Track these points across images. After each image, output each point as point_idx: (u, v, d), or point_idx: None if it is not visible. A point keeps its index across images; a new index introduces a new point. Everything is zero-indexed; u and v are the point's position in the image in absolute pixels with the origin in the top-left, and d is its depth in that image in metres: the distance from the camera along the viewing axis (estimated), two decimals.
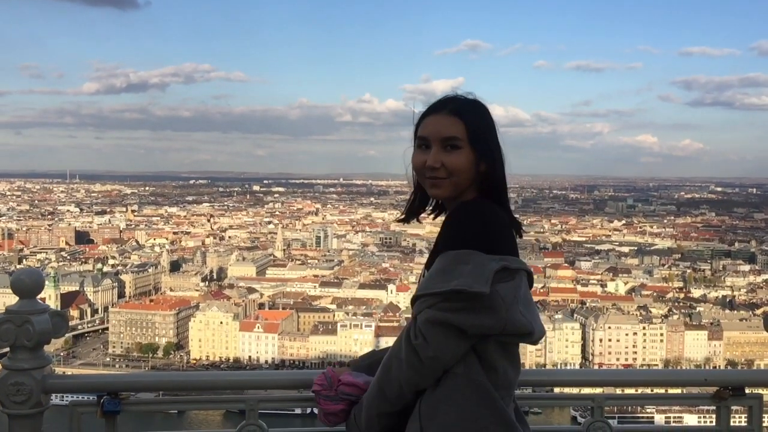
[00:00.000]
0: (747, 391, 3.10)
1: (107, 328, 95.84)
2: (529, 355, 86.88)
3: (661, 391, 3.44)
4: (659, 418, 73.63)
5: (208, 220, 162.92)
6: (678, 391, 3.37)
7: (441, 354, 1.96)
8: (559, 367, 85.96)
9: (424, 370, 1.97)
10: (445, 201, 2.25)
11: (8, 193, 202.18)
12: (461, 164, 2.13)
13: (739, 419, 3.21)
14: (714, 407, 3.14)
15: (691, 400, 3.29)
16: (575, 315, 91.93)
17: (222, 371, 34.90)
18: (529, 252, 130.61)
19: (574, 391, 3.32)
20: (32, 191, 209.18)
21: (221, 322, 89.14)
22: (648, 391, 3.40)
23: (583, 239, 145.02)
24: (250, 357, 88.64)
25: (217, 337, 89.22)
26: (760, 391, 3.21)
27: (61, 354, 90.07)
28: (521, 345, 2.10)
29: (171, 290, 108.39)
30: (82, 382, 3.32)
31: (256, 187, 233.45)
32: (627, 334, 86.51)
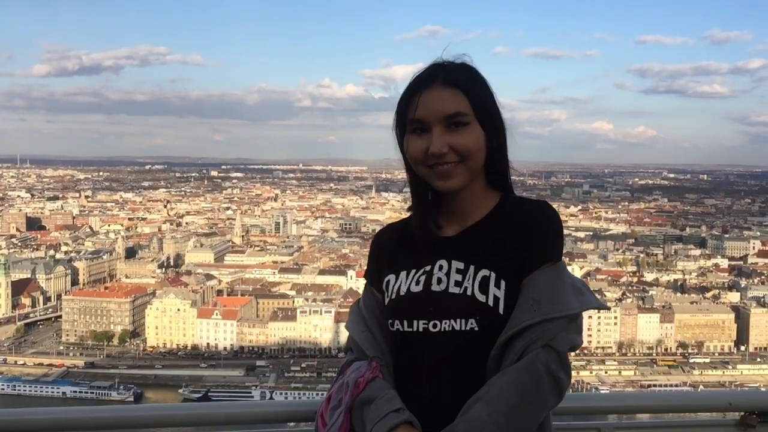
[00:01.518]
0: None
1: (60, 316, 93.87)
2: None
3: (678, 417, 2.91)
4: None
5: (165, 206, 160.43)
6: (697, 416, 2.87)
7: (570, 381, 1.71)
8: None
9: (556, 403, 1.71)
10: (453, 194, 1.83)
11: None
12: (474, 143, 1.78)
13: None
14: None
15: (714, 429, 2.80)
16: None
17: (149, 405, 30.08)
18: None
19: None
20: None
21: (178, 309, 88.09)
22: (664, 417, 2.86)
23: None
24: (208, 344, 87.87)
25: (174, 324, 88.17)
26: None
27: (13, 343, 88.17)
28: None
29: (126, 277, 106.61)
30: None
31: (214, 173, 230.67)
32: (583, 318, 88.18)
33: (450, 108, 1.75)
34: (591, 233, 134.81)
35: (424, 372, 1.76)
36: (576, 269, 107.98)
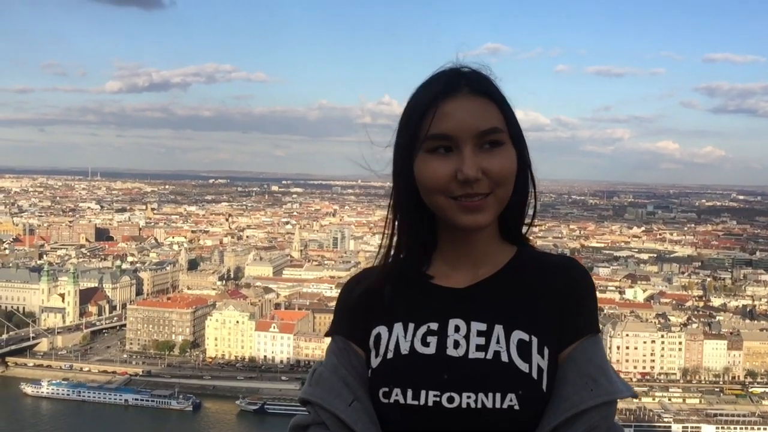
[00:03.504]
0: None
1: (125, 325, 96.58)
2: None
3: None
4: (677, 428, 72.92)
5: (227, 220, 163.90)
6: None
7: None
8: None
9: None
10: (465, 234, 1.37)
11: (31, 189, 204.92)
12: (510, 168, 1.33)
13: None
14: None
15: None
16: None
17: None
18: None
19: None
20: (54, 188, 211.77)
21: (237, 321, 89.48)
22: None
23: (602, 245, 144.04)
24: (265, 357, 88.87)
25: (233, 336, 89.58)
26: None
27: (79, 350, 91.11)
28: None
29: (188, 288, 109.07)
30: None
31: (274, 188, 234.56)
32: (645, 342, 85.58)
33: (485, 123, 1.30)
34: (655, 255, 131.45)
35: None
36: (639, 292, 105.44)
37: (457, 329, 1.32)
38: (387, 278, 1.43)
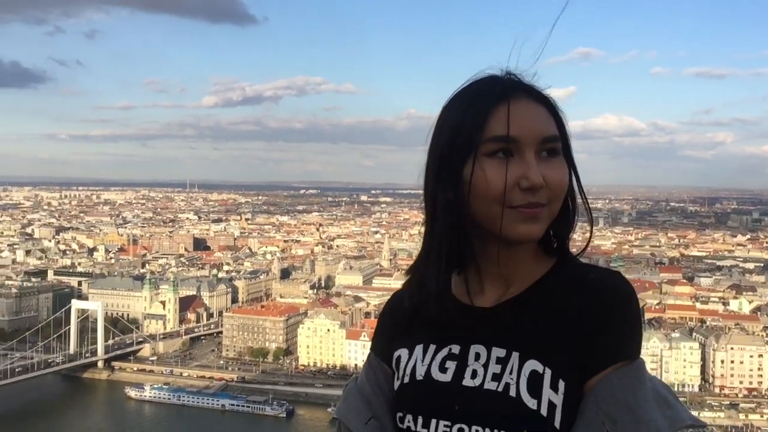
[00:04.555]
0: None
1: (221, 332, 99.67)
2: None
3: None
4: None
5: (317, 229, 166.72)
6: None
7: None
8: (676, 389, 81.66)
9: None
10: (498, 249, 1.27)
11: (134, 201, 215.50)
12: (566, 181, 1.25)
13: None
14: None
15: None
16: (694, 334, 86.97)
17: None
18: (643, 266, 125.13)
19: None
20: (155, 200, 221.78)
21: (328, 330, 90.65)
22: None
23: (703, 254, 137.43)
24: (356, 365, 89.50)
25: (324, 344, 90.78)
26: None
27: (179, 356, 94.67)
28: None
29: (281, 297, 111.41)
30: None
31: (363, 197, 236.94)
32: (752, 356, 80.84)
33: (549, 129, 1.23)
34: (762, 264, 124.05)
35: None
36: (744, 303, 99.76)
37: (477, 357, 1.26)
38: (412, 296, 1.37)
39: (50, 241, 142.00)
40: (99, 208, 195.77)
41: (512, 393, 1.19)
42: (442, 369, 1.27)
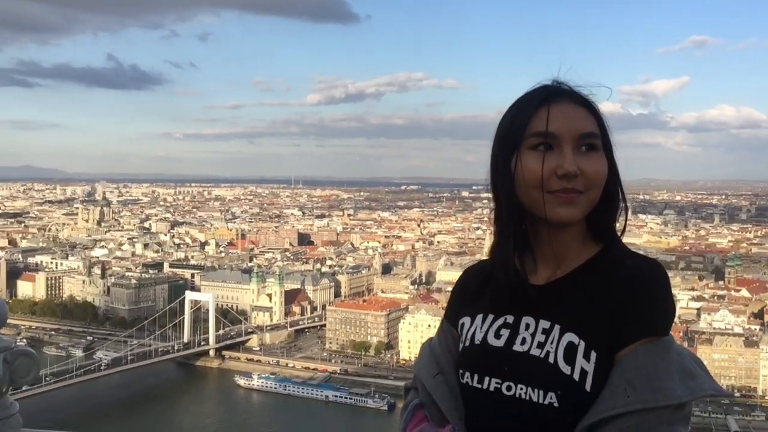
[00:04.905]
0: None
1: (324, 325, 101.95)
2: (763, 379, 78.43)
3: None
4: None
5: (418, 225, 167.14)
6: None
7: None
8: None
9: None
10: (559, 231, 1.53)
11: (242, 197, 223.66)
12: (603, 172, 1.49)
13: None
14: None
15: None
16: None
17: None
18: (763, 266, 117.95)
19: None
20: (262, 195, 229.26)
21: (429, 325, 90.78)
22: None
23: None
24: None
25: (424, 339, 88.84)
26: None
27: (285, 347, 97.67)
28: None
29: (382, 292, 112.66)
30: None
31: (464, 193, 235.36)
32: None
33: (586, 126, 1.49)
34: None
35: None
36: None
37: (527, 327, 1.50)
38: (479, 271, 1.70)
39: (166, 235, 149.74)
40: (210, 204, 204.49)
41: (551, 360, 1.43)
42: (497, 335, 1.53)
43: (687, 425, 1.38)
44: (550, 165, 1.44)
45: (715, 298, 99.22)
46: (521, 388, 1.45)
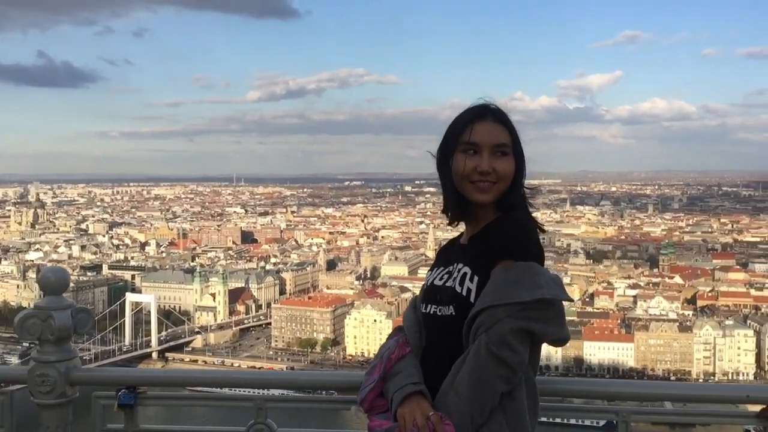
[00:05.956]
0: None
1: (270, 323, 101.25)
2: (696, 363, 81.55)
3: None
4: None
5: (362, 221, 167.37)
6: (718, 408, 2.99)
7: (525, 359, 2.14)
8: (731, 376, 79.96)
9: (514, 377, 2.12)
10: (480, 207, 2.33)
11: (183, 196, 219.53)
12: (510, 170, 2.29)
13: None
14: (762, 427, 2.83)
15: (732, 419, 2.94)
16: (748, 321, 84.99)
17: (239, 370, 34.93)
18: (695, 253, 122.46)
19: (599, 403, 3.12)
20: (203, 194, 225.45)
21: (375, 320, 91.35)
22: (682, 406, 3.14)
23: (758, 239, 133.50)
24: None
25: (371, 334, 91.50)
26: None
27: (230, 347, 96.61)
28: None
29: (327, 288, 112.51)
30: (102, 375, 3.50)
31: (408, 188, 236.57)
32: None
33: (500, 139, 2.29)
34: None
35: (430, 345, 2.34)
36: None
37: (458, 270, 2.28)
38: (446, 244, 2.53)
39: (104, 236, 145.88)
40: (150, 204, 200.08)
41: (453, 286, 2.26)
42: (440, 279, 2.35)
43: (538, 323, 2.09)
44: (473, 164, 2.27)
45: (651, 285, 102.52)
46: (440, 308, 2.27)
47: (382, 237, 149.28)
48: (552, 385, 2.79)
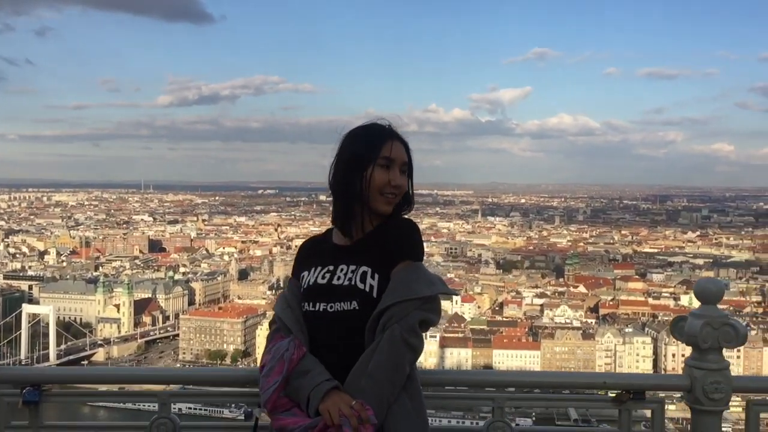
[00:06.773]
0: (648, 395, 3.18)
1: (178, 335, 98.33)
2: (599, 369, 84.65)
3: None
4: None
5: (276, 230, 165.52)
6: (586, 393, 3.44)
7: (423, 345, 2.44)
8: None
9: (416, 360, 2.45)
10: (378, 216, 2.54)
11: (86, 202, 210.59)
12: (406, 186, 2.59)
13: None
14: (617, 411, 3.18)
15: (592, 403, 3.42)
16: (646, 329, 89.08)
17: (144, 367, 35.51)
18: (598, 263, 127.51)
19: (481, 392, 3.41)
20: (109, 201, 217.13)
21: None
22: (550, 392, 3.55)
23: (655, 251, 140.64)
24: None
25: None
26: (661, 395, 3.28)
27: (134, 360, 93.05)
28: None
29: (239, 298, 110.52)
30: (7, 373, 3.49)
31: (322, 197, 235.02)
32: None
33: (405, 158, 2.57)
34: (711, 260, 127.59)
35: (323, 342, 2.46)
36: (694, 298, 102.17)
37: (342, 270, 2.48)
38: (312, 242, 2.73)
39: None
40: (50, 210, 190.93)
41: (353, 283, 2.43)
42: (323, 278, 2.51)
43: (433, 313, 2.40)
44: (386, 178, 2.50)
45: (557, 294, 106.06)
46: (337, 304, 2.43)
47: (296, 246, 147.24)
48: (437, 375, 3.16)
